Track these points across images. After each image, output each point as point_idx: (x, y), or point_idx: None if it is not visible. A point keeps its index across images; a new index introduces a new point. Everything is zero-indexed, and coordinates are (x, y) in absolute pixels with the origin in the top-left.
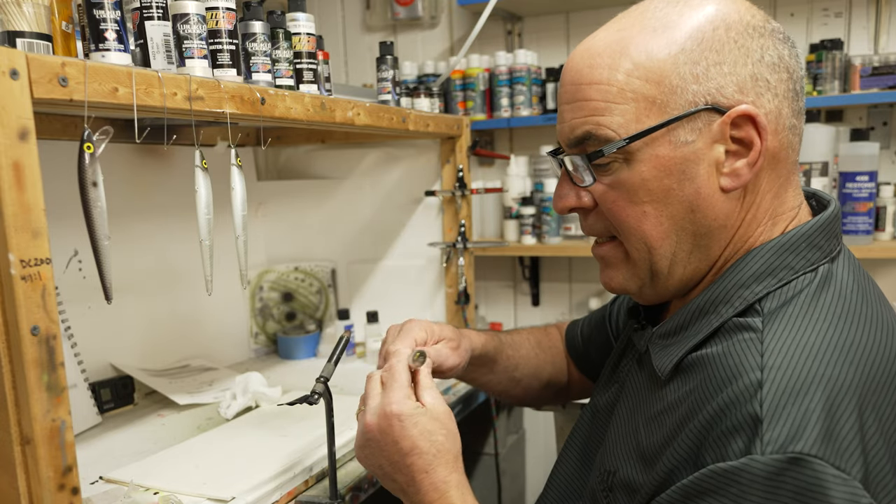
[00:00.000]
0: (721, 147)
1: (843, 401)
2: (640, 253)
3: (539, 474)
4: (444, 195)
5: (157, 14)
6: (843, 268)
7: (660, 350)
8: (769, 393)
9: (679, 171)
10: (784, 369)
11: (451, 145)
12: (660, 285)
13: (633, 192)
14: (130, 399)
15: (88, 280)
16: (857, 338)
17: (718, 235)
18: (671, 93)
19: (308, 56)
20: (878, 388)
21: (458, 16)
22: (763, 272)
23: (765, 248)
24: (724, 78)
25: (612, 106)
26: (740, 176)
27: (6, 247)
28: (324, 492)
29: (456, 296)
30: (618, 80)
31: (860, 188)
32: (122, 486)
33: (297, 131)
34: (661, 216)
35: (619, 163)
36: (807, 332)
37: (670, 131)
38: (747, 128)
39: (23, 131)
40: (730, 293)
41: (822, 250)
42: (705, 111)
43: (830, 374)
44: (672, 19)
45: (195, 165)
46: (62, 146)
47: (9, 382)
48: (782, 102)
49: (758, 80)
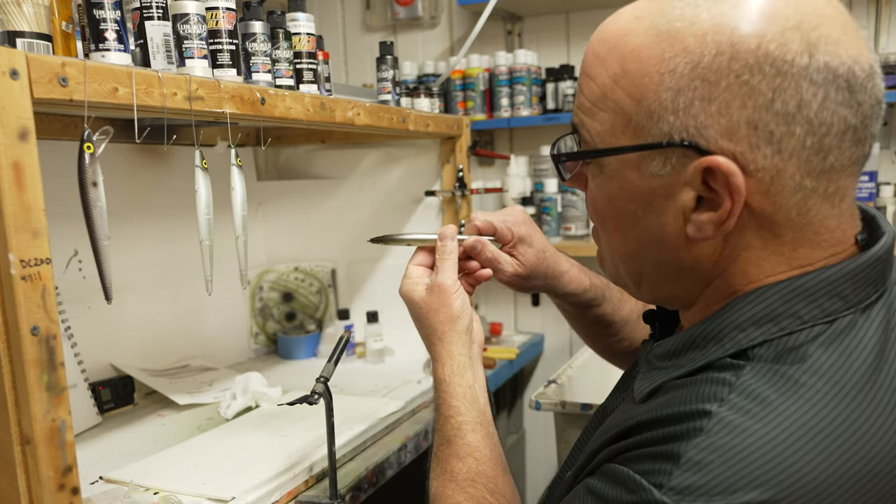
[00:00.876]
0: (692, 192)
1: (785, 491)
2: (611, 258)
3: (539, 474)
4: (444, 195)
5: (157, 14)
6: (873, 322)
7: (646, 371)
8: (700, 445)
9: (646, 200)
10: (732, 429)
11: (451, 145)
12: (636, 291)
13: (604, 203)
14: (130, 399)
15: (88, 280)
16: (849, 421)
17: (691, 276)
18: (647, 117)
19: (308, 56)
20: (847, 492)
21: (458, 16)
22: (764, 317)
23: (772, 290)
24: (709, 118)
25: (595, 110)
26: (703, 231)
27: (6, 247)
28: (324, 492)
29: None
30: (604, 83)
31: (860, 188)
32: (122, 486)
33: (297, 131)
34: (628, 235)
35: (595, 167)
36: (787, 398)
37: (642, 158)
38: (722, 182)
39: (23, 131)
40: (723, 332)
41: (845, 300)
42: (681, 148)
43: (787, 457)
44: (682, 25)
45: (195, 165)
46: (62, 146)
47: (9, 382)
48: (788, 161)
49: (756, 128)
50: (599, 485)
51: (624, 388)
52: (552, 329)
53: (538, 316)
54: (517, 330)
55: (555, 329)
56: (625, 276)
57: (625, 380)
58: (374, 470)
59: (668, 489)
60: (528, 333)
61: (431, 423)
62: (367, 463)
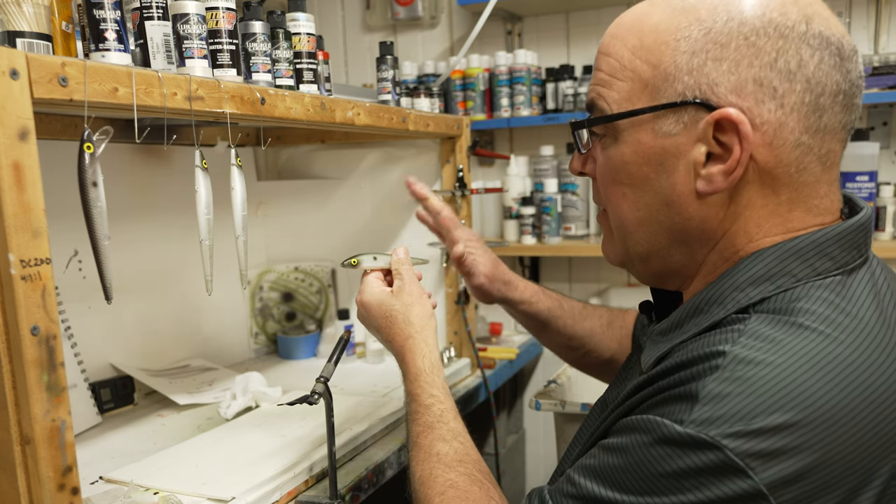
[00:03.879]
0: (703, 147)
1: (800, 414)
2: (618, 232)
3: (539, 474)
4: (444, 195)
5: (157, 14)
6: (862, 283)
7: (651, 346)
8: (716, 379)
9: (657, 161)
10: (746, 363)
11: (451, 145)
12: (642, 269)
13: (616, 170)
14: (130, 399)
15: (88, 280)
16: (852, 359)
17: (697, 238)
18: (664, 79)
19: (308, 56)
20: (860, 418)
21: (458, 16)
22: (761, 276)
23: (768, 252)
24: (721, 75)
25: (614, 81)
26: (713, 182)
27: (6, 247)
28: (324, 492)
29: (456, 296)
30: (624, 56)
31: (860, 188)
32: (122, 486)
33: (297, 131)
34: (639, 201)
35: (610, 138)
36: (791, 338)
37: (655, 118)
38: (731, 133)
39: (23, 131)
40: (724, 294)
41: (834, 260)
42: (693, 106)
43: (798, 385)
44: (695, 1)
45: (195, 165)
46: (62, 146)
47: (9, 382)
48: (789, 115)
49: (762, 84)
50: (615, 440)
51: (624, 376)
52: None
53: None
54: (517, 330)
55: None
56: (632, 253)
57: (624, 370)
58: (374, 470)
59: (689, 423)
60: (528, 333)
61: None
62: (367, 463)
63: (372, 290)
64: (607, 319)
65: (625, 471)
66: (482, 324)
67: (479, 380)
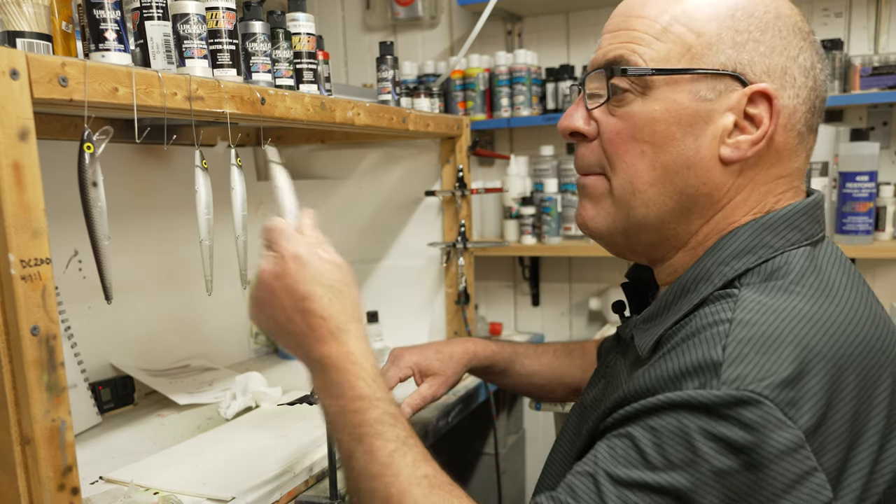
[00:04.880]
0: (732, 117)
1: (810, 361)
2: (624, 192)
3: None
4: (444, 195)
5: (157, 14)
6: (827, 251)
7: (642, 333)
8: (733, 341)
9: (688, 123)
10: (753, 324)
11: (451, 145)
12: (631, 235)
13: (640, 128)
14: (130, 399)
15: (88, 280)
16: (837, 312)
17: (703, 204)
18: (707, 48)
19: (308, 56)
20: (855, 357)
21: (458, 16)
22: (742, 250)
23: (744, 228)
24: (759, 56)
25: (652, 40)
26: (740, 149)
27: (6, 247)
28: (324, 492)
29: (456, 296)
30: (664, 19)
31: (860, 188)
32: (122, 486)
33: (297, 131)
34: (656, 161)
35: (636, 95)
36: (785, 299)
37: (694, 81)
38: (762, 107)
39: (23, 131)
40: (710, 271)
41: (802, 232)
42: (730, 77)
43: (803, 337)
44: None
45: (195, 165)
46: (62, 146)
47: (9, 382)
48: (800, 105)
49: (786, 73)
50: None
51: (601, 375)
52: (552, 329)
53: (538, 316)
54: (517, 330)
55: (555, 329)
56: (630, 217)
57: (599, 371)
58: None
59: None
60: (528, 333)
61: (431, 423)
62: None
63: (310, 253)
64: (564, 351)
65: (661, 448)
66: (482, 324)
67: (479, 380)
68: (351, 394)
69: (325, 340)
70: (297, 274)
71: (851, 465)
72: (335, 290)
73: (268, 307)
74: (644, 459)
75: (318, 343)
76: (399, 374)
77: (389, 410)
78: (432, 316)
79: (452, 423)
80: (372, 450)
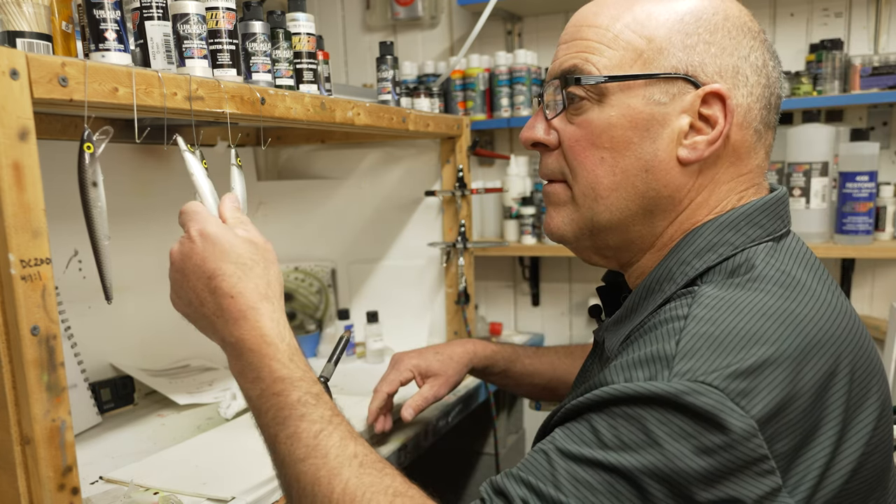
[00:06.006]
0: (687, 118)
1: (770, 355)
2: (587, 198)
3: None
4: (444, 195)
5: (157, 14)
6: (790, 246)
7: (612, 334)
8: (686, 335)
9: (644, 127)
10: (708, 320)
11: (451, 145)
12: (598, 239)
13: (597, 134)
14: (130, 399)
15: (88, 280)
16: (799, 306)
17: (665, 206)
18: (658, 52)
19: (308, 56)
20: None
21: (458, 16)
22: (703, 248)
23: (705, 227)
24: (710, 58)
25: (603, 48)
26: (697, 149)
27: (6, 247)
28: None
29: (456, 296)
30: (615, 28)
31: (860, 188)
32: (122, 486)
33: (297, 131)
34: (616, 166)
35: (592, 102)
36: (744, 294)
37: (647, 86)
38: (716, 107)
39: (23, 131)
40: (673, 270)
41: (764, 229)
42: (682, 80)
43: (759, 329)
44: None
45: None
46: (62, 146)
47: (9, 382)
48: (754, 103)
49: (738, 72)
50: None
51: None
52: (552, 329)
53: (538, 316)
54: (517, 330)
55: (555, 329)
56: (595, 222)
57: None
58: None
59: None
60: (527, 333)
61: (431, 423)
62: None
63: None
64: (566, 352)
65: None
66: (482, 324)
67: (479, 380)
68: (269, 377)
69: (236, 321)
70: (204, 251)
71: (807, 455)
72: (246, 268)
73: (180, 289)
74: (598, 440)
75: (229, 324)
76: (400, 377)
77: (311, 390)
78: (432, 316)
79: (452, 423)
80: (297, 432)
